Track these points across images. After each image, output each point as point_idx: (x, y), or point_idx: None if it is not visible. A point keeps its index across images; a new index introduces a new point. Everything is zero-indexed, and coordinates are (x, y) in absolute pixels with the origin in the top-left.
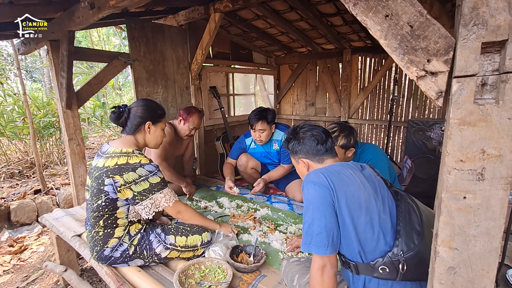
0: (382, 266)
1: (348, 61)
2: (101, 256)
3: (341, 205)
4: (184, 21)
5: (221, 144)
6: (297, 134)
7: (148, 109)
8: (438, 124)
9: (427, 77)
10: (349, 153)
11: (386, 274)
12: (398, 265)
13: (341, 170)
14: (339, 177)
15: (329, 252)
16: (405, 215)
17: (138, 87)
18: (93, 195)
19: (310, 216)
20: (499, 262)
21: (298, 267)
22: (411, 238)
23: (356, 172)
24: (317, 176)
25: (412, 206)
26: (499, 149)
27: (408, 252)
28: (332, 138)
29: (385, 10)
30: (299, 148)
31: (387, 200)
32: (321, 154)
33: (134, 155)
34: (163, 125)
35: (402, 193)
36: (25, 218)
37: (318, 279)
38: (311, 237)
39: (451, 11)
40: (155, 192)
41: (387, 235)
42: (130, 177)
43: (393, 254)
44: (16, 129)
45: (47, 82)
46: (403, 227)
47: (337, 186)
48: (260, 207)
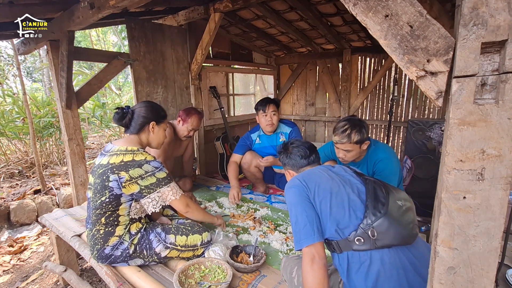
0: (357, 237)
1: (348, 61)
2: (101, 255)
3: (315, 195)
4: (184, 21)
5: (221, 144)
6: (287, 149)
7: (152, 109)
8: (438, 124)
9: (427, 77)
10: (364, 146)
11: (362, 245)
12: (369, 232)
13: (312, 171)
14: (309, 176)
15: (317, 238)
16: (371, 193)
17: (138, 87)
18: (97, 192)
19: (294, 214)
20: (499, 262)
21: (297, 261)
22: (377, 208)
23: (325, 170)
24: (292, 181)
25: (378, 184)
26: (499, 149)
27: (376, 220)
28: (317, 153)
29: (385, 10)
30: (286, 161)
31: (356, 184)
32: (303, 166)
33: (139, 152)
34: (165, 125)
35: (370, 178)
36: (25, 218)
37: (309, 270)
38: (299, 234)
39: (451, 11)
40: (162, 186)
41: (357, 211)
42: (136, 173)
43: (363, 224)
44: (16, 129)
45: (47, 82)
46: (370, 202)
47: (308, 183)
48: (260, 207)
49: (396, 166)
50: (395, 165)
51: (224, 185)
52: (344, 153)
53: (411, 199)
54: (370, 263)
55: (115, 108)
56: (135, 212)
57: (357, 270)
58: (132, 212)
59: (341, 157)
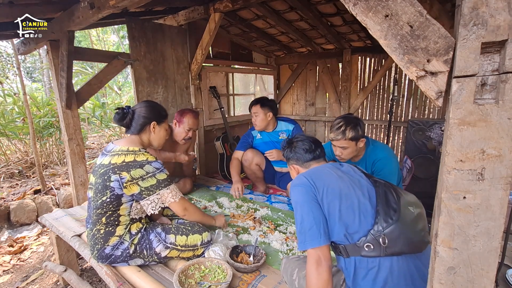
0: (367, 243)
1: (348, 61)
2: (101, 255)
3: (323, 196)
4: (184, 21)
5: (221, 144)
6: (292, 143)
7: (153, 109)
8: (438, 124)
9: (427, 77)
10: (360, 144)
11: (372, 251)
12: (379, 240)
13: (320, 169)
14: (318, 175)
15: (323, 241)
16: (383, 197)
17: (139, 87)
18: (98, 192)
19: (300, 214)
20: (499, 262)
21: (297, 262)
22: (389, 214)
23: (334, 169)
24: (299, 179)
25: (389, 189)
26: (499, 149)
27: (387, 227)
28: (322, 148)
29: (385, 10)
30: (291, 155)
31: (366, 187)
32: (308, 161)
33: (141, 153)
34: (166, 125)
35: (380, 181)
36: (24, 218)
37: (313, 272)
38: (304, 235)
39: (451, 11)
40: (162, 188)
41: (367, 216)
42: (138, 174)
43: (374, 231)
44: (16, 129)
45: (47, 82)
46: (381, 207)
47: (316, 182)
48: (260, 207)
49: (395, 165)
50: (394, 164)
51: (224, 185)
52: (340, 151)
53: (421, 204)
54: (378, 270)
55: (115, 109)
56: (135, 212)
57: (364, 276)
58: (133, 212)
59: (338, 154)
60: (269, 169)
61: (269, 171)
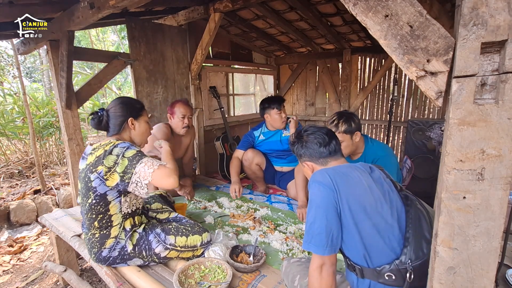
0: (389, 273)
1: (348, 61)
2: (99, 258)
3: (345, 208)
4: (184, 21)
5: (221, 144)
6: (301, 138)
7: (126, 106)
8: (437, 124)
9: (427, 77)
10: (356, 138)
11: (392, 281)
12: (405, 273)
13: (348, 172)
14: (345, 179)
15: (327, 252)
16: (415, 221)
17: (138, 87)
18: (83, 196)
19: (313, 215)
20: (499, 262)
21: (299, 268)
22: (420, 246)
23: (364, 175)
24: (322, 175)
25: (422, 212)
26: (499, 149)
27: (417, 261)
28: (337, 140)
29: (385, 10)
30: (302, 151)
31: (396, 204)
32: (324, 157)
33: (110, 143)
34: (146, 117)
35: (412, 198)
36: (24, 218)
37: (316, 277)
38: (311, 236)
39: (451, 11)
40: (135, 165)
41: (394, 242)
42: (110, 161)
43: (400, 262)
44: (16, 129)
45: (47, 82)
46: (412, 234)
47: (341, 188)
48: (260, 207)
49: (395, 164)
50: (393, 163)
51: (224, 185)
52: None
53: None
54: None
55: (90, 114)
56: (126, 206)
57: None
58: (124, 207)
59: None
60: (269, 169)
61: (269, 171)
